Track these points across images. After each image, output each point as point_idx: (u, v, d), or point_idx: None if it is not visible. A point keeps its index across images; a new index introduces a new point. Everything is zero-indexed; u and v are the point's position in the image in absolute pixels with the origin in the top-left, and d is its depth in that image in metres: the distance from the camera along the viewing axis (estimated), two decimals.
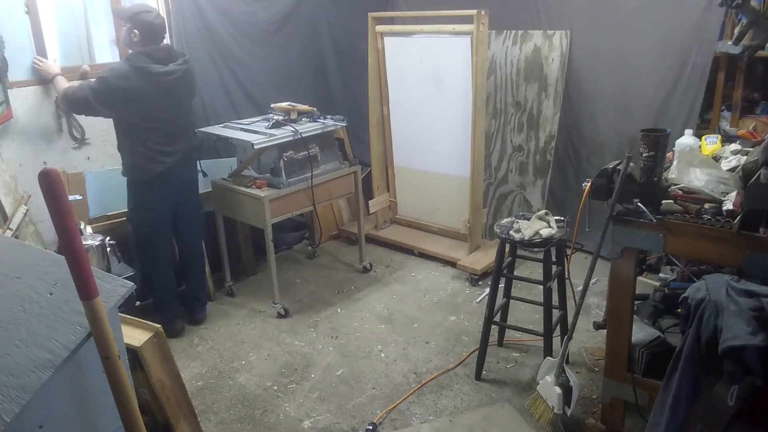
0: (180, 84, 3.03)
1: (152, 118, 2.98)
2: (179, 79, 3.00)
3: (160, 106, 2.97)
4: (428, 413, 2.62)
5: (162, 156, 3.04)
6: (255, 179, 3.41)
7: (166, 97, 2.98)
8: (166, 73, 2.94)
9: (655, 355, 2.22)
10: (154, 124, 3.00)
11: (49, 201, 1.22)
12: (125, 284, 1.45)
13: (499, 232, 2.66)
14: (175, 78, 2.97)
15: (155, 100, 2.95)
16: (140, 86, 2.88)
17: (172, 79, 2.96)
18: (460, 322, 3.34)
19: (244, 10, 3.88)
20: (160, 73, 2.92)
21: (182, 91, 3.09)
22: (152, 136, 3.00)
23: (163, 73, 2.93)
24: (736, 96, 3.40)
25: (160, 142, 3.03)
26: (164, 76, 2.93)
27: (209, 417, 2.65)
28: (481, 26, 3.48)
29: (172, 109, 3.04)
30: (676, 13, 3.36)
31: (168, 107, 3.01)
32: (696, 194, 2.09)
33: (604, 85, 3.75)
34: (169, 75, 2.95)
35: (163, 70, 2.94)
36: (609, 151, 3.74)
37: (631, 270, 2.14)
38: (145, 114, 2.96)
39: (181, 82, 3.02)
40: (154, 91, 2.93)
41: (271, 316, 3.46)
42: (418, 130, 4.16)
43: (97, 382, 1.35)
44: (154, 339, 1.95)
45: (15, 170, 3.05)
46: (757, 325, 1.60)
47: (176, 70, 2.98)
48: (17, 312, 1.39)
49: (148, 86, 2.90)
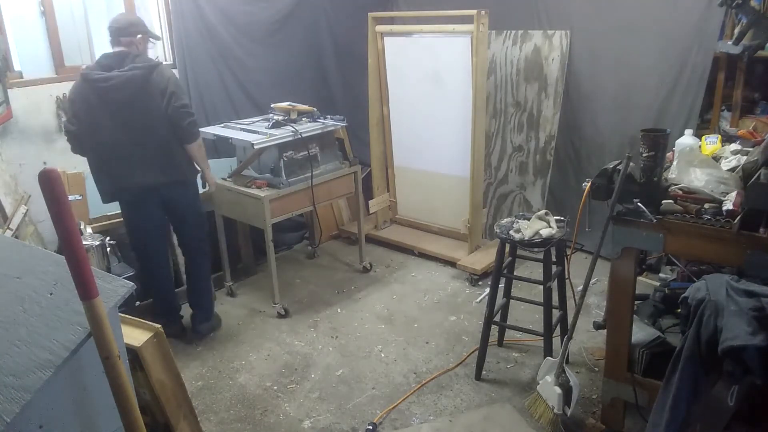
0: (123, 94, 2.70)
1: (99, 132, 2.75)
2: (120, 87, 2.68)
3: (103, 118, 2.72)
4: (428, 413, 2.62)
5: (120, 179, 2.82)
6: (255, 179, 3.41)
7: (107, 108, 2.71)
8: (101, 80, 2.67)
9: (655, 355, 2.22)
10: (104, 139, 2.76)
11: (49, 201, 1.22)
12: (125, 284, 1.45)
13: (499, 232, 2.66)
14: (111, 85, 2.67)
15: (97, 110, 2.71)
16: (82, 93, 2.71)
17: (106, 86, 2.67)
18: (460, 322, 3.34)
19: (244, 10, 3.88)
20: (95, 80, 2.67)
21: (128, 103, 2.72)
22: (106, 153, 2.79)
23: (97, 80, 2.67)
24: (736, 96, 3.40)
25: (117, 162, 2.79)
26: (100, 83, 2.67)
27: (209, 417, 2.65)
28: (481, 26, 3.48)
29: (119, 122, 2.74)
30: (676, 13, 3.36)
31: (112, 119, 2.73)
32: (696, 194, 2.09)
33: (604, 85, 3.75)
34: (103, 82, 2.67)
35: (98, 77, 2.67)
36: (609, 151, 3.74)
37: (631, 270, 2.14)
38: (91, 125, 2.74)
39: (124, 91, 2.69)
40: (95, 100, 2.70)
41: (271, 316, 3.46)
42: (418, 130, 4.16)
43: (97, 382, 1.35)
44: (154, 339, 1.95)
45: (15, 170, 3.06)
46: (757, 325, 1.60)
47: (114, 77, 2.67)
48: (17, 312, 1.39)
49: (90, 94, 2.70)
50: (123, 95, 2.71)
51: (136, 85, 2.72)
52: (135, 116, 2.76)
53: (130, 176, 2.84)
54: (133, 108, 2.74)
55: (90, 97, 2.71)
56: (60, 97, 3.19)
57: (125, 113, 2.74)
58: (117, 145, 2.79)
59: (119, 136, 2.77)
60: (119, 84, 2.69)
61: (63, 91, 3.19)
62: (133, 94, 2.72)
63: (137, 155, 2.81)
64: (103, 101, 2.71)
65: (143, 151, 2.81)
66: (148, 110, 2.77)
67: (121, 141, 2.78)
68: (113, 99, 2.71)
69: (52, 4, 3.16)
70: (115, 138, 2.77)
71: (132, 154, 2.81)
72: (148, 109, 2.77)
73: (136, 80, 2.71)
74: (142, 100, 2.74)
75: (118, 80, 2.69)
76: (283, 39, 4.15)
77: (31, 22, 3.16)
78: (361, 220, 3.93)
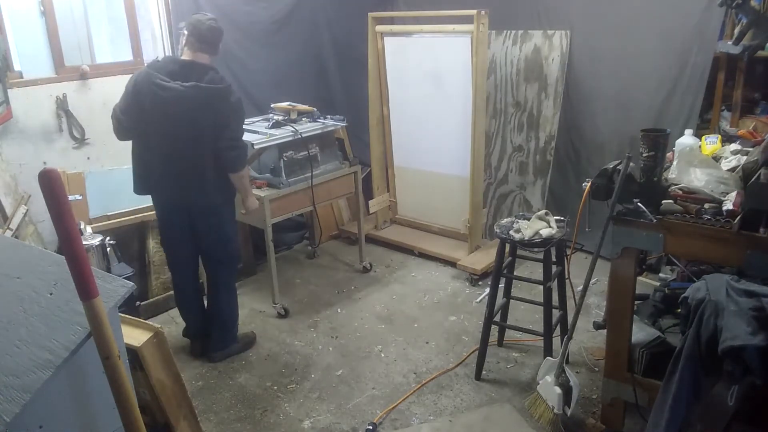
0: (175, 109, 2.60)
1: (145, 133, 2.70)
2: (175, 101, 2.58)
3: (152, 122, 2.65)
4: (428, 413, 2.62)
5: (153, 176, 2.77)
6: (255, 179, 3.41)
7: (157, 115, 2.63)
8: (161, 87, 2.59)
9: (655, 355, 2.22)
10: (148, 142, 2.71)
11: (49, 201, 1.22)
12: (125, 284, 1.45)
13: (499, 232, 2.66)
14: (167, 96, 2.58)
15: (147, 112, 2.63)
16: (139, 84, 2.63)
17: (164, 96, 2.58)
18: (460, 322, 3.34)
19: (244, 10, 3.88)
20: (155, 84, 2.59)
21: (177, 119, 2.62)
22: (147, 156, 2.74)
23: (158, 85, 2.59)
24: (736, 96, 3.40)
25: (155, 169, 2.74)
26: (159, 89, 2.59)
27: (209, 417, 2.65)
28: (481, 26, 3.48)
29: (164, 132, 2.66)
30: (676, 14, 3.36)
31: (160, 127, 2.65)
32: (696, 194, 2.09)
33: (604, 85, 3.75)
34: (162, 90, 2.59)
35: (160, 83, 2.59)
36: (609, 151, 3.74)
37: (631, 270, 2.14)
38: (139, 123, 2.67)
39: (176, 106, 2.59)
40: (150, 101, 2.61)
41: (271, 316, 3.46)
42: (418, 130, 4.16)
43: (97, 382, 1.35)
44: (154, 339, 1.95)
45: (15, 170, 3.06)
46: (757, 325, 1.60)
47: (172, 89, 2.58)
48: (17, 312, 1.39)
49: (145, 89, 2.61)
50: (175, 110, 2.61)
51: (190, 105, 2.60)
52: (180, 132, 2.65)
53: (162, 187, 2.80)
54: (180, 125, 2.64)
55: (145, 95, 2.61)
56: (60, 97, 3.19)
57: (172, 127, 2.64)
58: (157, 154, 2.72)
59: (162, 146, 2.69)
60: (175, 99, 2.58)
61: (63, 91, 3.20)
62: (184, 113, 2.61)
63: (172, 170, 2.73)
64: (155, 106, 2.61)
65: (178, 168, 2.72)
66: (194, 132, 2.65)
67: (162, 151, 2.70)
68: (165, 111, 2.61)
69: (52, 4, 3.16)
70: (159, 146, 2.70)
71: (167, 167, 2.73)
72: (194, 131, 2.65)
73: (193, 100, 2.59)
74: (191, 121, 2.63)
75: (176, 93, 2.58)
76: (283, 39, 4.15)
77: (31, 21, 3.16)
78: (361, 220, 3.92)
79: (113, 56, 3.64)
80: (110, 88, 3.39)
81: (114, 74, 3.43)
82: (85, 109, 3.30)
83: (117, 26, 3.58)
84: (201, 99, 2.60)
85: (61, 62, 3.25)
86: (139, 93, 2.63)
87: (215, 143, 2.68)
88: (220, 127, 2.65)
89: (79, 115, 3.27)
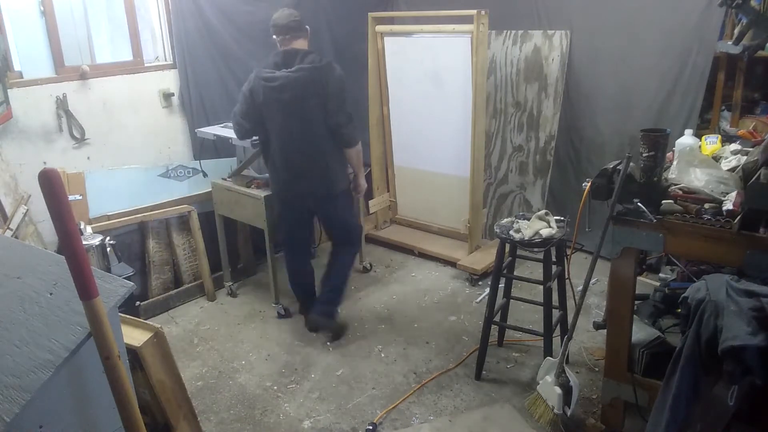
0: (286, 95, 2.79)
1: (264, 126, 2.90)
2: (283, 87, 2.78)
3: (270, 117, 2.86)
4: (428, 413, 2.62)
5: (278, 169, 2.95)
6: (255, 179, 3.41)
7: (274, 106, 2.83)
8: (269, 78, 2.80)
9: (655, 355, 2.22)
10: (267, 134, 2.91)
11: (49, 201, 1.22)
12: (125, 284, 1.45)
13: (499, 232, 2.66)
14: (276, 85, 2.78)
15: (265, 107, 2.84)
16: (253, 89, 2.84)
17: (273, 86, 2.79)
18: (460, 322, 3.34)
19: (244, 10, 3.88)
20: (264, 78, 2.81)
21: (290, 105, 2.81)
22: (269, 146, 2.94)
23: (266, 78, 2.80)
24: (736, 96, 3.40)
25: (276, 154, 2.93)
26: (268, 81, 2.80)
27: (209, 417, 2.65)
28: (481, 26, 3.48)
29: (283, 124, 2.85)
30: (676, 13, 3.36)
31: (278, 119, 2.85)
32: (696, 194, 2.09)
33: (604, 85, 3.75)
34: (271, 81, 2.79)
35: (267, 75, 2.81)
36: (609, 151, 3.74)
37: (631, 270, 2.14)
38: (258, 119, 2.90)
39: (287, 92, 2.78)
40: (263, 96, 2.82)
41: (271, 316, 3.46)
42: (418, 130, 4.16)
43: (97, 382, 1.35)
44: (154, 339, 1.95)
45: (15, 170, 3.06)
46: (757, 325, 1.60)
47: (279, 77, 2.78)
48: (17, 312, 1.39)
49: (258, 90, 2.83)
50: (286, 96, 2.78)
51: (299, 87, 2.77)
52: (295, 119, 2.81)
53: (288, 181, 2.97)
54: (294, 110, 2.80)
55: (258, 93, 2.82)
56: (60, 97, 3.19)
57: (287, 115, 2.82)
58: (280, 147, 2.90)
59: (284, 137, 2.88)
60: (284, 84, 2.77)
61: (63, 91, 3.19)
62: (295, 96, 2.78)
63: (297, 161, 2.91)
64: (268, 99, 2.81)
65: (302, 157, 2.90)
66: (308, 114, 2.81)
67: (285, 144, 2.89)
68: (278, 99, 2.80)
69: (52, 4, 3.16)
70: (281, 139, 2.88)
71: (292, 159, 2.91)
72: (308, 113, 2.81)
73: (300, 82, 2.77)
74: (302, 103, 2.79)
75: (283, 80, 2.77)
76: None
77: (31, 21, 3.15)
78: (361, 220, 3.92)
79: (113, 56, 3.64)
80: (110, 88, 3.40)
81: (114, 74, 3.43)
82: (85, 109, 3.30)
83: (117, 26, 3.58)
84: (307, 79, 2.77)
85: (61, 62, 3.24)
86: (253, 92, 2.85)
87: (329, 121, 2.85)
88: (331, 101, 2.82)
89: (79, 115, 3.27)
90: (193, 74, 3.69)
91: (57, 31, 3.21)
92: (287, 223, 3.14)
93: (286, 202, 3.08)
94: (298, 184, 2.96)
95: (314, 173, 2.93)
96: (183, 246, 3.64)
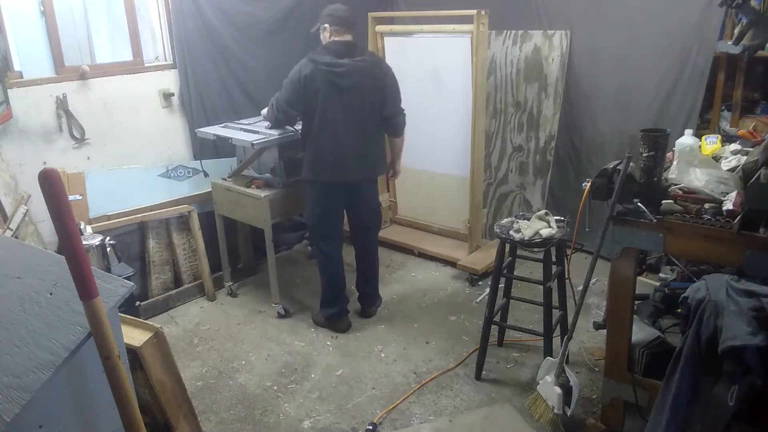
0: (350, 79, 2.90)
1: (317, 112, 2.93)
2: (347, 74, 2.88)
3: (327, 101, 2.90)
4: (428, 413, 2.62)
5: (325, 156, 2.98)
6: (255, 179, 3.41)
7: (333, 92, 2.89)
8: (333, 65, 2.87)
9: (655, 355, 2.22)
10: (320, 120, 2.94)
11: (49, 201, 1.22)
12: (125, 284, 1.45)
13: (499, 232, 2.66)
14: (341, 72, 2.87)
15: (322, 93, 2.89)
16: (310, 75, 2.87)
17: (338, 72, 2.87)
18: (460, 322, 3.34)
19: (244, 10, 3.88)
20: (326, 64, 2.86)
21: (352, 91, 2.92)
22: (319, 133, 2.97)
23: (328, 64, 2.86)
24: (736, 96, 3.40)
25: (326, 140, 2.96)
26: (331, 67, 2.86)
27: (209, 417, 2.65)
28: (481, 26, 3.48)
29: (341, 108, 2.93)
30: (676, 13, 3.36)
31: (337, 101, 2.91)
32: (696, 194, 2.09)
33: (604, 85, 3.75)
34: (336, 67, 2.87)
35: (331, 61, 2.87)
36: (609, 151, 3.74)
37: (631, 270, 2.15)
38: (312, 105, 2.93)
39: (351, 78, 2.90)
40: (322, 82, 2.87)
41: (271, 316, 3.46)
42: (418, 130, 4.14)
43: (97, 382, 1.35)
44: (154, 339, 1.95)
45: (15, 170, 3.05)
46: (757, 325, 1.60)
47: (345, 65, 2.88)
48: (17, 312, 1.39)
49: (317, 76, 2.87)
50: (350, 82, 2.91)
51: (362, 76, 2.93)
52: (353, 107, 2.95)
53: (338, 166, 3.00)
54: (354, 98, 2.94)
55: (318, 81, 2.87)
56: (60, 97, 3.19)
57: (347, 102, 2.93)
58: (334, 133, 2.96)
59: (338, 124, 2.95)
60: (349, 72, 2.89)
61: (63, 91, 3.19)
62: (358, 83, 2.93)
63: (350, 146, 2.99)
64: (330, 85, 2.88)
65: (355, 143, 3.00)
66: (365, 103, 2.98)
67: (338, 130, 2.96)
68: (341, 85, 2.89)
69: (52, 4, 3.16)
70: (334, 125, 2.95)
71: (345, 145, 2.98)
72: (366, 101, 2.98)
73: (365, 71, 2.94)
74: (363, 91, 2.95)
75: (350, 68, 2.89)
76: (283, 39, 4.15)
77: (31, 21, 3.15)
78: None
79: (113, 56, 3.64)
80: (110, 88, 3.40)
81: (114, 74, 3.42)
82: (85, 109, 3.30)
83: (117, 26, 3.57)
84: (369, 70, 2.96)
85: (61, 62, 3.24)
86: (311, 80, 2.89)
87: (385, 110, 3.06)
88: (388, 93, 3.05)
89: (79, 115, 3.26)
90: (193, 74, 3.69)
91: (57, 31, 3.21)
92: (331, 213, 3.17)
93: (330, 190, 3.09)
94: (348, 168, 3.02)
95: (364, 158, 3.06)
96: (183, 246, 3.65)
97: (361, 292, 3.44)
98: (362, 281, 3.43)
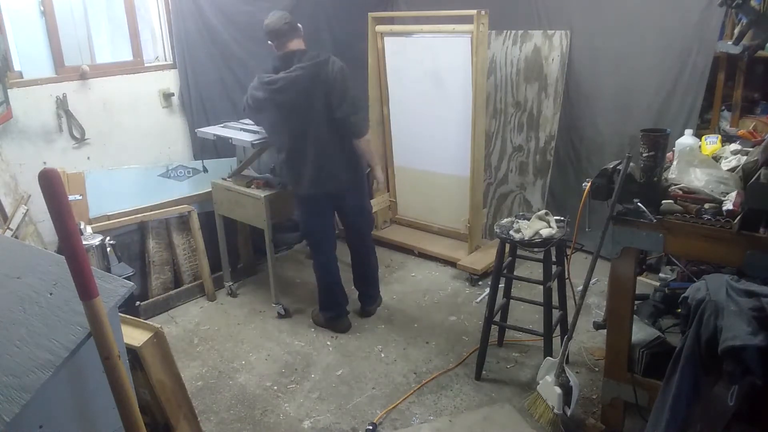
0: (289, 93, 2.80)
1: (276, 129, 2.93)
2: (282, 89, 2.80)
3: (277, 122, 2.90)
4: (428, 413, 2.62)
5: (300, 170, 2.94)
6: (255, 179, 3.41)
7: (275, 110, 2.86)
8: (270, 82, 2.82)
9: (655, 355, 2.22)
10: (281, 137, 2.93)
11: (49, 201, 1.22)
12: (125, 284, 1.45)
13: (499, 232, 2.66)
14: (276, 88, 2.80)
15: (270, 110, 2.88)
16: (258, 95, 2.87)
17: (274, 88, 2.81)
18: (460, 322, 3.34)
19: (244, 10, 3.88)
20: (266, 83, 2.83)
21: (288, 103, 2.82)
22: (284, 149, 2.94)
23: (267, 82, 2.82)
24: (736, 96, 3.40)
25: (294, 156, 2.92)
26: (270, 85, 2.82)
27: (209, 417, 2.65)
28: (481, 26, 3.48)
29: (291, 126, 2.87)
30: (676, 13, 3.36)
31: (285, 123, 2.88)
32: (696, 194, 2.09)
33: (604, 85, 3.75)
34: (272, 84, 2.81)
35: (269, 79, 2.83)
36: (609, 151, 3.74)
37: (631, 270, 2.14)
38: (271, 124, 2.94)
39: (286, 92, 2.80)
40: (267, 100, 2.85)
41: (271, 316, 3.46)
42: (418, 130, 4.16)
43: (97, 382, 1.35)
44: (154, 339, 1.94)
45: (15, 170, 3.05)
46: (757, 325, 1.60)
47: (279, 80, 2.80)
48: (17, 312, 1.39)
49: (263, 95, 2.85)
50: (286, 96, 2.80)
51: (298, 86, 2.79)
52: (304, 118, 2.83)
53: (314, 179, 2.94)
54: (301, 110, 2.81)
55: (262, 100, 2.85)
56: (60, 97, 3.19)
57: (295, 115, 2.82)
58: (293, 149, 2.90)
59: (298, 138, 2.87)
60: (285, 86, 2.78)
61: (63, 91, 3.19)
62: (299, 96, 2.79)
63: (308, 162, 2.90)
64: (273, 104, 2.83)
65: (320, 154, 2.89)
66: (315, 111, 2.83)
67: (300, 144, 2.88)
68: (278, 100, 2.82)
69: (52, 4, 3.16)
70: (294, 140, 2.89)
71: (310, 158, 2.89)
72: (315, 110, 2.82)
73: (300, 80, 2.78)
74: (303, 101, 2.81)
75: (284, 82, 2.78)
76: None
77: (31, 21, 3.15)
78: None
79: (113, 56, 3.64)
80: (110, 88, 3.40)
81: (114, 74, 3.43)
82: (85, 109, 3.30)
83: (117, 26, 3.58)
84: (307, 77, 2.78)
85: (61, 62, 3.24)
86: (257, 100, 2.89)
87: (335, 112, 2.84)
88: (334, 95, 2.82)
89: (79, 115, 3.27)
90: (193, 74, 3.69)
91: (57, 31, 3.21)
92: (319, 222, 3.14)
93: (316, 201, 3.06)
94: (325, 180, 2.96)
95: (328, 170, 2.95)
96: (183, 246, 3.65)
97: (361, 291, 3.45)
98: (362, 281, 3.43)
